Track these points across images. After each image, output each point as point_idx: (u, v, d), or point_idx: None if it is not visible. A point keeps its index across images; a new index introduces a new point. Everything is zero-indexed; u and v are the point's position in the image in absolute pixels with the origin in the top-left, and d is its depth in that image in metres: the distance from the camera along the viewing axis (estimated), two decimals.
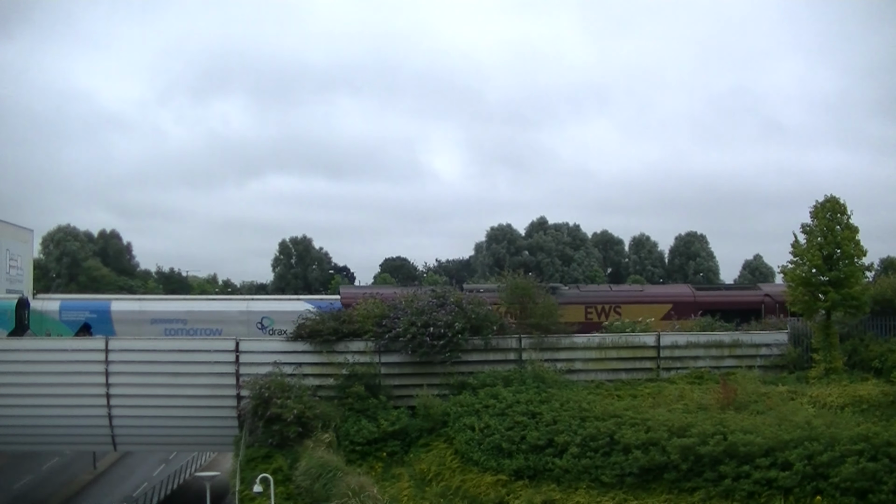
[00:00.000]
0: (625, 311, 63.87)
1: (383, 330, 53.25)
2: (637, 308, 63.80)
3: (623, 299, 64.87)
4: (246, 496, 43.82)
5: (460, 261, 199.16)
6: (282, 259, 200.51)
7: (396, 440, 48.79)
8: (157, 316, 73.81)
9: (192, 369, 54.86)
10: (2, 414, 55.97)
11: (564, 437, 42.22)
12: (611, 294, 65.56)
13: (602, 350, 54.71)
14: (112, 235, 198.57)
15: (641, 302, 64.71)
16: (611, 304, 61.89)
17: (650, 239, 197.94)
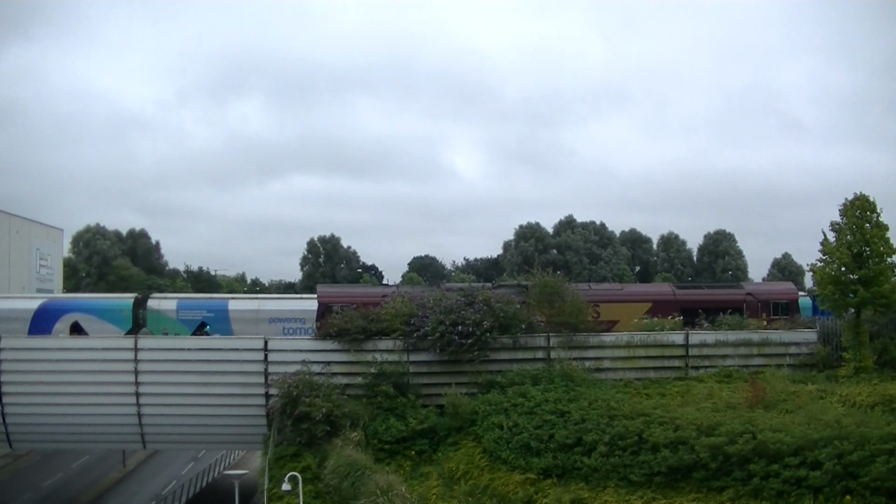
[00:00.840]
0: (604, 310, 63.27)
1: (412, 328, 53.36)
2: (616, 307, 63.55)
3: (602, 298, 64.34)
4: (274, 494, 43.92)
5: (488, 259, 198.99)
6: (310, 258, 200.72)
7: (425, 439, 48.89)
8: (275, 315, 74.36)
9: (220, 368, 55.14)
10: (33, 412, 56.41)
11: (593, 435, 42.16)
12: (589, 293, 64.87)
13: (630, 349, 54.63)
14: (141, 234, 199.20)
15: (621, 301, 64.38)
16: (590, 304, 61.44)
17: (678, 237, 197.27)
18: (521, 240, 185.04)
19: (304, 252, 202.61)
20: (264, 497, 45.20)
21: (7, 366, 56.00)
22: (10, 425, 56.64)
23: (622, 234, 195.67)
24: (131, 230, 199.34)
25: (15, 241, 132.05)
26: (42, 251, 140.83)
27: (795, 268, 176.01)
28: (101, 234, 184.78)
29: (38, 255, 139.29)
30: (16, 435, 57.79)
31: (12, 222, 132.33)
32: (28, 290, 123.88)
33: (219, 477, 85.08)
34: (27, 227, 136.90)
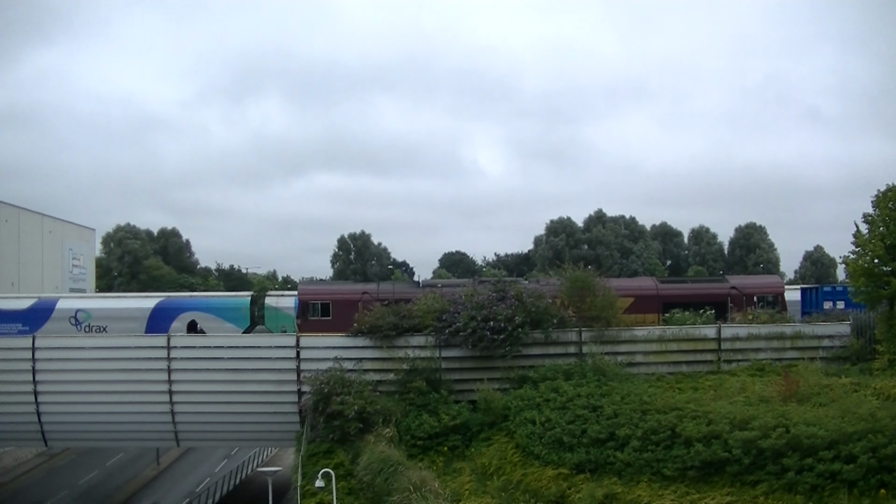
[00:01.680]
0: None
1: (443, 324, 53.34)
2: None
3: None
4: (307, 491, 43.99)
5: (519, 254, 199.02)
6: (340, 255, 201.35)
7: (457, 434, 48.94)
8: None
9: (253, 365, 55.36)
10: (67, 411, 56.78)
11: (625, 430, 42.05)
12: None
13: (662, 343, 54.45)
14: (172, 233, 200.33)
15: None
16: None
17: (709, 230, 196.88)
18: (552, 235, 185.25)
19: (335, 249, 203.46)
20: (297, 494, 45.31)
21: (42, 364, 56.35)
22: (45, 424, 57.05)
23: (653, 228, 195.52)
24: (162, 229, 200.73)
25: (48, 241, 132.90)
26: (74, 251, 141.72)
27: (828, 260, 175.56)
28: (132, 234, 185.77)
29: (70, 254, 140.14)
30: (51, 433, 58.23)
31: (45, 223, 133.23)
32: (61, 289, 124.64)
33: (252, 474, 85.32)
34: (59, 228, 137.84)
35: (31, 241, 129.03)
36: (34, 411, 56.53)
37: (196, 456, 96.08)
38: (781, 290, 67.74)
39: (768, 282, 65.59)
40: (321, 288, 70.59)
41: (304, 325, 64.77)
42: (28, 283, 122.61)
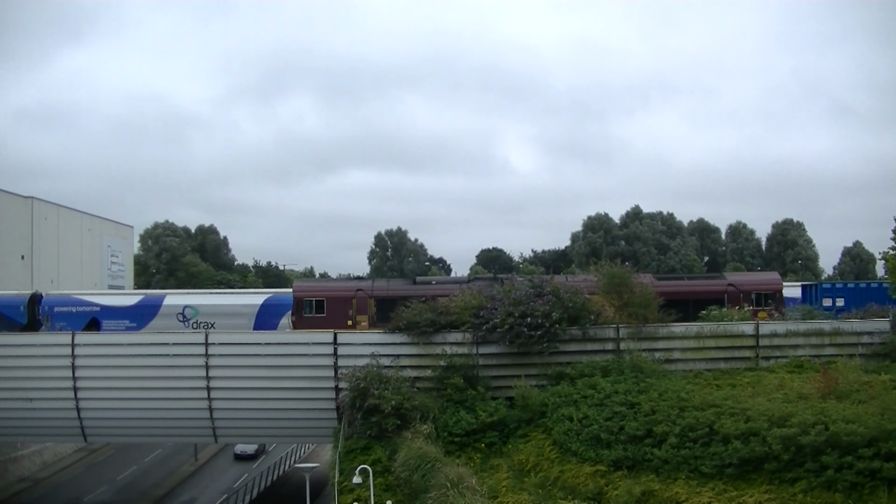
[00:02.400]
0: None
1: (481, 321, 53.34)
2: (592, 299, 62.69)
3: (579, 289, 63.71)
4: (345, 487, 44.06)
5: (556, 251, 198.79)
6: (377, 251, 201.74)
7: (495, 431, 48.89)
8: None
9: (290, 362, 55.62)
10: (106, 407, 57.17)
11: (663, 427, 41.92)
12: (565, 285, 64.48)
13: (700, 339, 54.26)
14: (209, 230, 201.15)
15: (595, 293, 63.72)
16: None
17: (746, 226, 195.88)
18: (589, 231, 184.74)
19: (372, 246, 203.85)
20: (335, 490, 45.37)
21: (81, 361, 56.75)
22: (84, 420, 57.42)
23: (690, 224, 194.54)
24: (200, 226, 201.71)
25: (87, 239, 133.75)
26: (113, 248, 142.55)
27: (867, 256, 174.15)
28: (170, 231, 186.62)
29: (109, 251, 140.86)
30: (90, 429, 58.59)
31: (83, 220, 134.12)
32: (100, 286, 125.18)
33: (289, 470, 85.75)
34: (98, 225, 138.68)
35: (70, 239, 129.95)
36: (74, 407, 57.02)
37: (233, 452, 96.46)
38: (779, 286, 67.15)
39: (766, 279, 65.13)
40: (315, 285, 70.82)
41: (299, 322, 64.94)
42: (67, 280, 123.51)
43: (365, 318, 64.34)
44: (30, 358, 58.08)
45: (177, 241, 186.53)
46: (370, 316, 64.34)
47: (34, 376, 57.52)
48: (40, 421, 58.89)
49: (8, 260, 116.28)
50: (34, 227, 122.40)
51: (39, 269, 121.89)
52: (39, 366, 57.66)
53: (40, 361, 57.73)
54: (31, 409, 57.67)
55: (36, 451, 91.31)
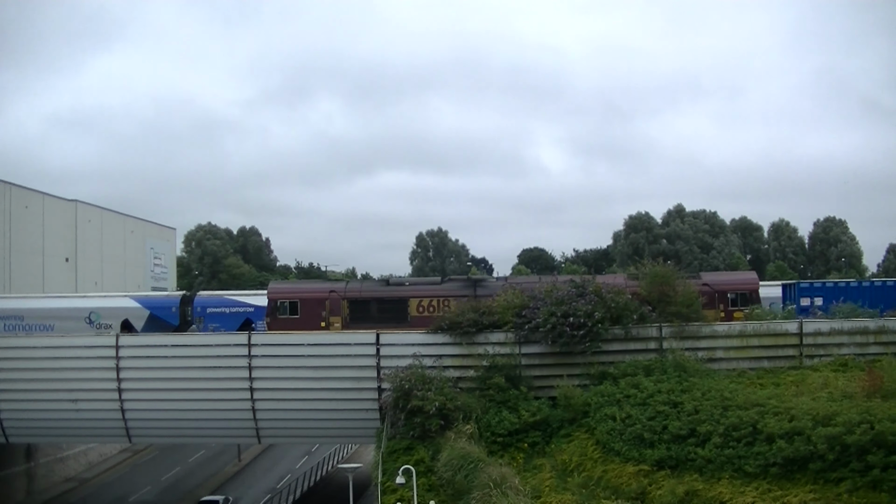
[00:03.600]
0: None
1: (523, 321, 53.32)
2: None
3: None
4: (388, 488, 44.14)
5: (598, 250, 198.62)
6: (419, 252, 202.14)
7: (537, 431, 48.92)
8: None
9: (333, 362, 55.71)
10: (150, 408, 57.52)
11: (706, 426, 41.73)
12: (537, 285, 64.18)
13: (743, 338, 53.98)
14: (251, 232, 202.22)
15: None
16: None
17: (789, 224, 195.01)
18: (631, 230, 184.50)
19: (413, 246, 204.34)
20: (378, 490, 45.45)
21: (125, 363, 57.13)
22: (129, 420, 57.78)
23: (732, 223, 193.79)
24: (241, 228, 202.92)
25: (130, 241, 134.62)
26: (156, 250, 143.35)
27: None
28: (212, 233, 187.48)
29: (152, 253, 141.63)
30: (135, 430, 58.92)
31: (126, 222, 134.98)
32: (143, 288, 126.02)
33: (332, 471, 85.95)
34: (141, 227, 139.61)
35: (113, 241, 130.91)
36: (119, 408, 57.38)
37: (277, 452, 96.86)
38: (756, 286, 66.35)
39: (742, 278, 64.54)
40: (289, 287, 71.16)
41: (274, 324, 65.19)
42: (111, 281, 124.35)
43: (338, 319, 64.61)
44: (75, 360, 58.50)
45: (218, 243, 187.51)
46: (343, 317, 64.55)
47: (79, 377, 57.97)
48: (85, 422, 59.32)
49: (52, 262, 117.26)
50: (77, 229, 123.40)
51: (83, 270, 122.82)
52: (84, 367, 58.09)
53: (85, 363, 58.16)
54: (76, 411, 58.13)
55: (81, 451, 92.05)
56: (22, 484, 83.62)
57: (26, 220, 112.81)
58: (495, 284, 65.41)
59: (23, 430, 61.28)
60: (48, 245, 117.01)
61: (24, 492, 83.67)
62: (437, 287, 64.92)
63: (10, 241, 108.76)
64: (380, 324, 61.49)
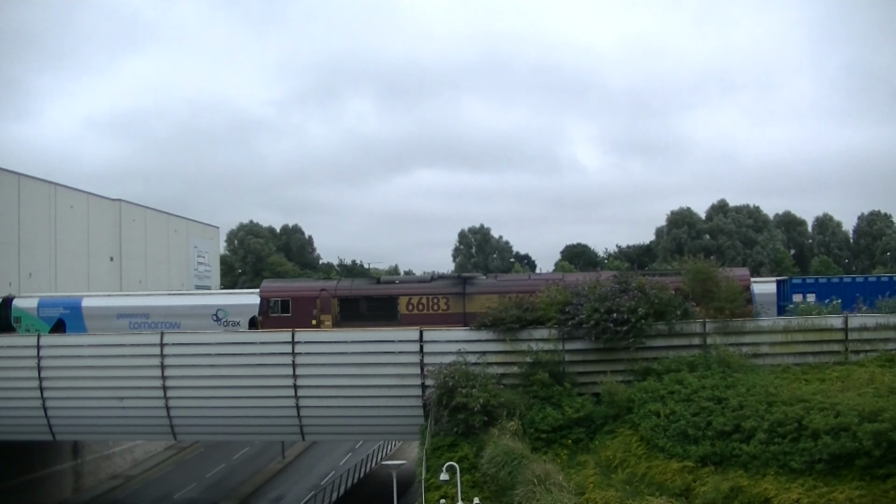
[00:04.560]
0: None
1: (566, 317, 53.25)
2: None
3: (539, 288, 63.20)
4: (432, 484, 44.24)
5: (641, 246, 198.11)
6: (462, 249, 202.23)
7: (581, 427, 48.81)
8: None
9: (376, 360, 55.78)
10: (195, 405, 57.86)
11: (751, 422, 41.53)
12: (526, 283, 63.91)
13: (788, 333, 53.64)
14: (294, 230, 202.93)
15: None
16: (526, 294, 60.93)
17: (833, 219, 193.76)
18: (674, 226, 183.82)
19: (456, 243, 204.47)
20: (422, 487, 45.45)
21: (170, 360, 57.46)
22: (174, 418, 58.08)
23: (776, 217, 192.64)
24: (285, 226, 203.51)
25: (173, 240, 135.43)
26: (199, 248, 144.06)
27: None
28: (255, 232, 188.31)
29: (195, 252, 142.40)
30: (180, 427, 59.19)
31: (170, 221, 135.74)
32: (187, 286, 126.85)
33: (376, 467, 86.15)
34: (184, 226, 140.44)
35: (157, 240, 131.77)
36: (164, 406, 57.69)
37: (321, 450, 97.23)
38: (747, 282, 65.83)
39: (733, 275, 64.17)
40: (281, 285, 71.20)
41: (266, 322, 65.30)
42: (155, 280, 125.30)
43: (329, 317, 64.70)
44: (121, 357, 58.92)
45: (261, 241, 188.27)
46: (334, 315, 64.61)
47: (125, 375, 58.37)
48: (131, 419, 59.69)
49: (97, 261, 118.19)
50: (122, 228, 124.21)
51: (127, 269, 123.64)
52: (130, 365, 58.48)
53: (131, 361, 58.53)
54: (122, 408, 58.54)
55: (127, 448, 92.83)
56: (69, 481, 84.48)
57: (71, 220, 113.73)
58: (484, 283, 65.40)
59: (69, 427, 61.69)
60: (93, 244, 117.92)
61: (71, 489, 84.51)
62: (427, 285, 64.90)
63: (55, 240, 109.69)
64: (369, 322, 61.97)
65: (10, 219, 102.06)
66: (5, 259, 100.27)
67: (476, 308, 61.41)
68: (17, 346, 60.82)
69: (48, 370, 59.12)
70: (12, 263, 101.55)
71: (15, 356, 59.87)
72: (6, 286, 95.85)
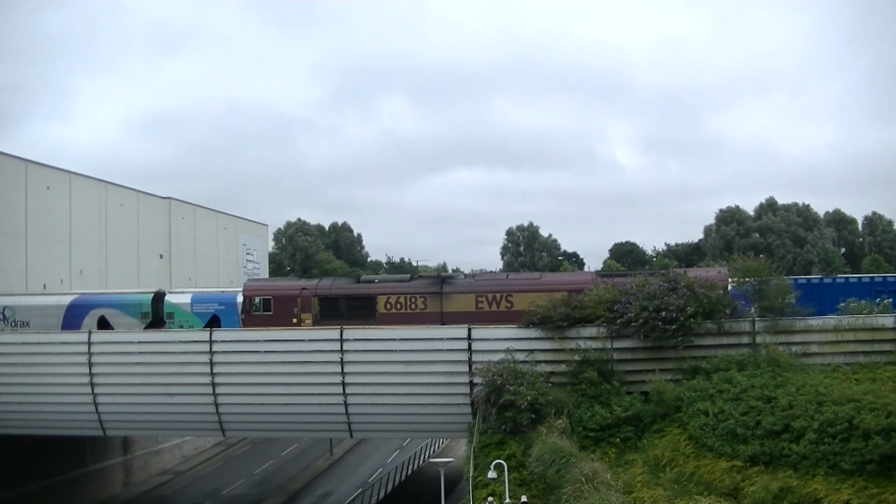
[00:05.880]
0: (517, 300, 61.71)
1: (615, 315, 53.08)
2: (531, 297, 60.34)
3: (516, 288, 62.64)
4: (479, 482, 44.21)
5: (689, 244, 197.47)
6: (510, 247, 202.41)
7: (629, 426, 48.70)
8: None
9: (424, 357, 55.83)
10: (243, 402, 58.16)
11: (801, 422, 41.19)
12: (504, 283, 63.75)
13: (838, 332, 53.17)
14: (343, 228, 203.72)
15: (535, 290, 61.87)
16: (503, 293, 60.68)
17: (883, 217, 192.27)
18: (722, 224, 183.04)
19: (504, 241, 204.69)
20: (469, 485, 45.47)
21: (219, 357, 57.79)
22: (222, 414, 58.40)
23: (826, 216, 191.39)
24: (333, 223, 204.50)
25: (222, 237, 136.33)
26: (248, 246, 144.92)
27: None
28: (303, 230, 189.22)
29: (244, 249, 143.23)
30: (228, 424, 59.50)
31: (219, 219, 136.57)
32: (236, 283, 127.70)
33: (424, 465, 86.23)
34: (233, 224, 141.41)
35: (206, 237, 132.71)
36: (212, 402, 58.02)
37: (368, 447, 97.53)
38: (725, 282, 65.40)
39: (711, 274, 63.64)
40: (263, 284, 71.42)
41: (248, 320, 65.51)
42: (204, 277, 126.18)
43: (309, 315, 64.95)
44: (170, 354, 59.37)
45: (310, 239, 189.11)
46: (314, 314, 64.85)
47: (175, 371, 58.81)
48: (180, 416, 60.13)
49: (147, 259, 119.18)
50: (171, 226, 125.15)
51: (177, 267, 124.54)
52: (179, 361, 58.92)
53: (180, 357, 58.98)
54: (171, 405, 58.98)
55: (176, 444, 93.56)
56: (119, 476, 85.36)
57: (122, 218, 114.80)
58: (462, 282, 65.35)
59: (120, 423, 62.17)
60: (143, 242, 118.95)
61: (121, 483, 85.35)
62: (405, 285, 64.88)
63: (107, 237, 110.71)
64: (349, 321, 61.79)
65: (62, 216, 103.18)
66: (58, 256, 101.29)
67: (453, 308, 62.08)
68: (69, 342, 61.39)
69: (99, 366, 59.64)
70: (64, 260, 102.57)
71: (66, 352, 60.46)
72: (57, 283, 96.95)
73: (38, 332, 68.21)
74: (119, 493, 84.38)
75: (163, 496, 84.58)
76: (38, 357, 61.01)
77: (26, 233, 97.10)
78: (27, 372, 60.79)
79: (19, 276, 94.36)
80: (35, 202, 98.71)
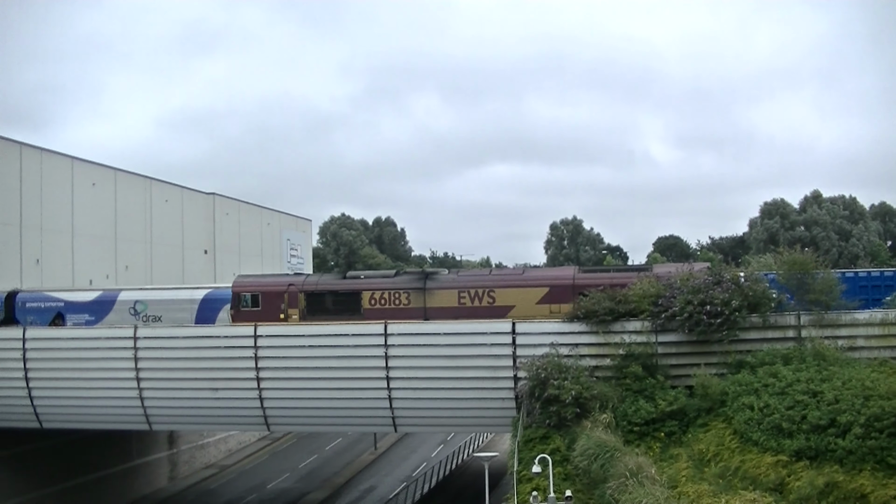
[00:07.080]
0: (500, 296, 62.20)
1: (659, 309, 52.90)
2: (512, 292, 61.84)
3: (498, 283, 62.73)
4: (524, 476, 44.27)
5: (734, 238, 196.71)
6: (553, 241, 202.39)
7: (674, 420, 48.44)
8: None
9: (468, 351, 55.80)
10: (288, 396, 58.42)
11: (847, 416, 40.93)
12: (486, 278, 63.75)
13: (886, 326, 52.71)
14: (387, 223, 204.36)
15: (517, 286, 62.51)
16: (485, 289, 60.71)
17: None
18: (766, 217, 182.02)
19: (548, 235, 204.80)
20: (514, 479, 45.51)
21: (263, 352, 58.06)
22: (267, 409, 58.66)
23: (872, 208, 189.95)
24: (377, 218, 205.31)
25: (266, 232, 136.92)
26: (292, 241, 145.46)
27: None
28: (347, 225, 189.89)
29: (288, 244, 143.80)
30: (273, 418, 59.74)
31: (263, 214, 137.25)
32: None
33: (468, 459, 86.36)
34: (277, 219, 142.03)
35: (250, 233, 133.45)
36: (257, 397, 58.30)
37: (412, 441, 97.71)
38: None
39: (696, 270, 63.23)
40: (251, 280, 71.49)
41: (237, 316, 65.81)
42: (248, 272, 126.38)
43: (296, 311, 65.36)
44: (215, 349, 59.70)
45: (354, 233, 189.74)
46: (300, 309, 65.28)
47: (220, 366, 59.17)
48: (225, 410, 60.47)
49: (192, 254, 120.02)
50: (216, 222, 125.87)
51: (221, 262, 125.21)
52: (224, 356, 59.23)
53: (225, 352, 59.28)
54: (216, 399, 59.32)
55: (221, 439, 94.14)
56: (164, 470, 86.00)
57: (167, 214, 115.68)
58: (446, 278, 65.25)
59: (165, 417, 62.64)
60: (188, 237, 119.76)
61: (167, 477, 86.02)
62: (390, 280, 65.00)
63: (151, 233, 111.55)
64: (334, 316, 62.77)
65: (108, 213, 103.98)
66: (104, 252, 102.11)
67: (436, 303, 62.38)
68: (116, 336, 61.82)
69: (145, 360, 60.12)
70: (109, 256, 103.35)
71: (113, 346, 60.88)
72: (103, 279, 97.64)
73: (86, 327, 68.77)
74: (165, 487, 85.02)
75: (208, 490, 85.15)
76: (86, 352, 61.62)
77: (73, 229, 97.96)
78: (75, 367, 61.45)
79: (66, 272, 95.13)
80: (81, 199, 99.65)
